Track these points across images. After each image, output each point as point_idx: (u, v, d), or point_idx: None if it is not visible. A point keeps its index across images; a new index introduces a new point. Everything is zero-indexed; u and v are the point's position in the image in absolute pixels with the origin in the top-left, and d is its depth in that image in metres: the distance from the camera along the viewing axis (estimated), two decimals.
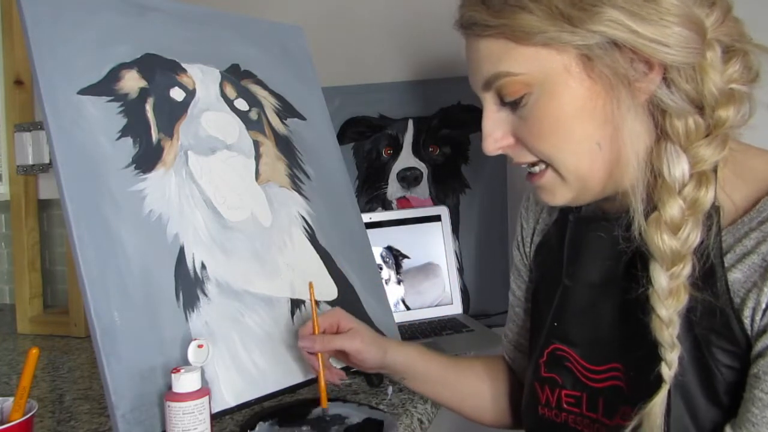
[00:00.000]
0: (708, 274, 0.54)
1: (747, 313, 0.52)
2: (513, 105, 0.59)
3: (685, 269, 0.53)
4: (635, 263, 0.59)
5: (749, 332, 0.52)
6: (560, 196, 0.61)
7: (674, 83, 0.54)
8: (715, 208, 0.55)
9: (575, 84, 0.56)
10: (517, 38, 0.55)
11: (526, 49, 0.56)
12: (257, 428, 0.71)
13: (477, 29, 0.58)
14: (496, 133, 0.61)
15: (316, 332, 0.74)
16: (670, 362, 0.53)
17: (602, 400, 0.62)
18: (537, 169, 0.61)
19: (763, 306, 0.51)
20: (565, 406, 0.66)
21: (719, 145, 0.54)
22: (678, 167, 0.54)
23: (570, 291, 0.68)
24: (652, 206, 0.56)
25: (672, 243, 0.54)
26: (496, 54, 0.57)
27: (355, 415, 0.74)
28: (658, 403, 0.53)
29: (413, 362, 0.78)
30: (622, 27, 0.52)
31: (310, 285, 0.77)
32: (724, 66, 0.54)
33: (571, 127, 0.57)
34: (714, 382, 0.53)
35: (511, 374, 0.82)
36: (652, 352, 0.56)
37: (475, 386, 0.82)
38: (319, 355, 0.74)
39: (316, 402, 0.75)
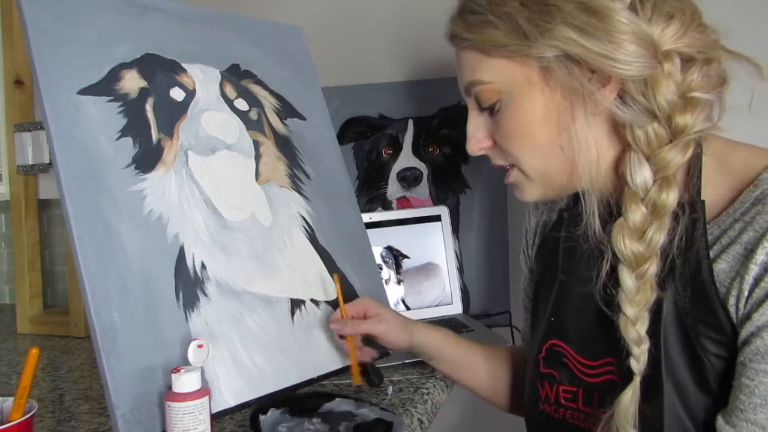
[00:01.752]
0: (695, 266, 0.56)
1: (731, 301, 0.54)
2: (489, 110, 0.65)
3: (651, 268, 0.57)
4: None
5: (735, 321, 0.54)
6: (528, 192, 0.67)
7: (629, 95, 0.57)
8: (701, 203, 0.57)
9: (537, 93, 0.61)
10: (486, 50, 0.62)
11: (495, 61, 0.62)
12: (269, 413, 0.73)
13: (457, 41, 0.65)
14: (477, 134, 0.67)
15: (344, 317, 0.81)
16: (638, 356, 0.57)
17: (597, 394, 0.64)
18: (504, 165, 0.68)
19: (746, 293, 0.53)
20: (562, 401, 0.67)
21: (680, 151, 0.57)
22: (640, 174, 0.58)
23: (565, 287, 0.70)
24: (619, 210, 0.60)
25: (635, 247, 0.57)
26: (471, 64, 0.64)
27: (365, 413, 0.75)
28: (629, 394, 0.56)
29: (439, 345, 0.84)
30: (573, 43, 0.56)
31: (336, 277, 0.84)
32: (683, 75, 0.57)
33: (534, 132, 0.62)
34: (704, 370, 0.55)
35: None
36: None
37: (497, 372, 0.85)
38: (349, 337, 0.81)
39: (329, 396, 0.79)
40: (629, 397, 0.56)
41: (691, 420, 0.55)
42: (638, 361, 0.57)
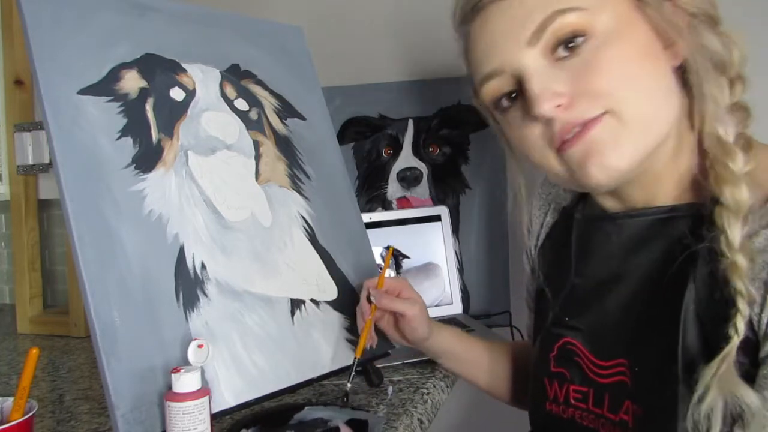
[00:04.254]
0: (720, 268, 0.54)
1: (756, 310, 0.52)
2: (567, 56, 0.55)
3: (746, 227, 0.53)
4: (654, 258, 0.60)
5: (757, 330, 0.52)
6: (625, 147, 0.56)
7: (704, 43, 0.55)
8: None
9: (638, 26, 0.55)
10: None
11: None
12: None
13: None
14: (553, 85, 0.56)
15: (381, 287, 0.80)
16: (745, 314, 0.51)
17: (608, 395, 0.63)
18: (590, 117, 0.56)
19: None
20: (572, 401, 0.66)
21: (744, 112, 0.56)
22: (731, 126, 0.55)
23: (579, 288, 0.68)
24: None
25: (745, 193, 0.53)
26: None
27: (337, 417, 0.75)
28: (732, 357, 0.51)
29: (452, 346, 0.84)
30: None
31: (390, 249, 0.87)
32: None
33: (640, 67, 0.55)
34: None
35: None
36: (656, 348, 0.57)
37: (506, 370, 0.86)
38: (373, 309, 0.79)
39: (297, 407, 0.78)
40: (728, 363, 0.51)
41: None
42: (744, 317, 0.51)
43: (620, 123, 0.55)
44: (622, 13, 0.55)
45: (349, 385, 0.78)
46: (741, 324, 0.51)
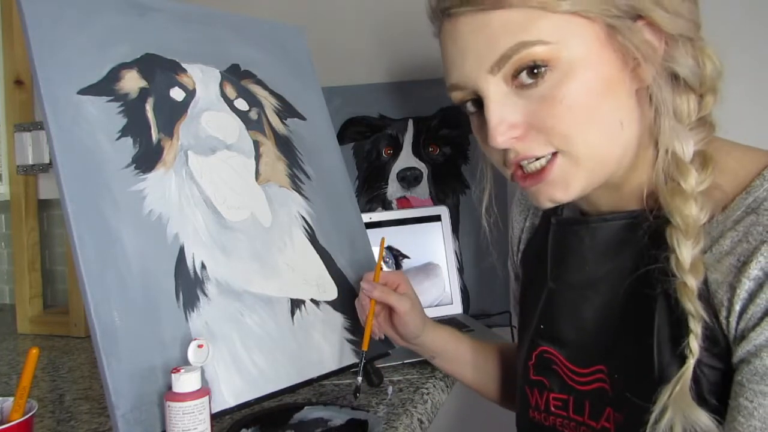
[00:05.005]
0: None
1: (723, 313, 0.51)
2: (529, 84, 0.54)
3: (699, 245, 0.52)
4: (625, 262, 0.60)
5: (727, 334, 0.52)
6: (574, 186, 0.56)
7: (677, 59, 0.54)
8: None
9: (605, 55, 0.53)
10: (546, 5, 0.52)
11: (557, 17, 0.52)
12: None
13: (490, 1, 0.53)
14: (509, 117, 0.55)
15: (377, 280, 0.79)
16: (697, 334, 0.51)
17: (588, 402, 0.62)
18: (542, 162, 0.56)
19: (737, 308, 0.50)
20: (552, 409, 0.66)
21: (704, 131, 0.55)
22: (687, 145, 0.54)
23: (555, 293, 0.68)
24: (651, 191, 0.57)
25: (695, 213, 0.52)
26: (519, 23, 0.52)
27: (337, 417, 0.75)
28: (687, 378, 0.51)
29: (446, 344, 0.83)
30: None
31: (383, 240, 0.85)
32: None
33: (598, 104, 0.54)
34: (699, 382, 0.53)
35: None
36: (633, 354, 0.56)
37: (499, 370, 0.85)
38: (372, 302, 0.78)
39: (297, 407, 0.78)
40: (686, 384, 0.51)
41: None
42: (697, 338, 0.52)
43: (572, 163, 0.56)
44: (590, 43, 0.53)
45: (359, 379, 0.77)
46: (694, 344, 0.51)
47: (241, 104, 0.89)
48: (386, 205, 1.32)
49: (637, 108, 0.56)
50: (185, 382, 0.63)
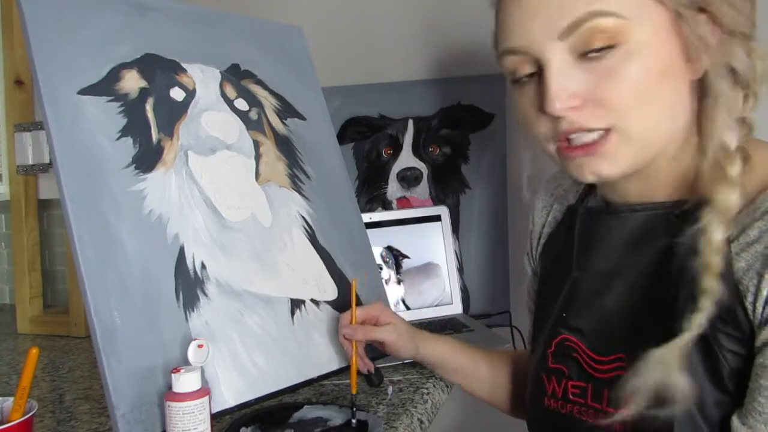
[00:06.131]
0: None
1: (749, 299, 0.53)
2: (594, 56, 0.54)
3: (729, 232, 0.54)
4: (651, 255, 0.60)
5: (752, 319, 0.53)
6: (620, 163, 0.57)
7: (734, 55, 0.56)
8: None
9: (669, 42, 0.55)
10: None
11: None
12: None
13: None
14: (570, 86, 0.55)
15: (354, 323, 0.79)
16: (704, 308, 0.52)
17: (607, 390, 0.63)
18: (593, 136, 0.57)
19: (765, 293, 0.52)
20: (570, 397, 0.67)
21: (749, 128, 0.58)
22: (736, 137, 0.56)
23: (579, 282, 0.68)
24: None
25: (734, 199, 0.54)
26: None
27: (337, 417, 0.75)
28: (681, 344, 0.52)
29: (444, 357, 0.84)
30: None
31: (354, 281, 0.81)
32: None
33: (658, 86, 0.55)
34: (719, 367, 0.54)
35: None
36: (655, 343, 0.57)
37: (504, 379, 0.86)
38: (354, 343, 0.79)
39: (296, 406, 0.78)
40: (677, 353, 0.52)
41: (702, 417, 0.54)
42: (702, 311, 0.53)
43: (624, 140, 0.57)
44: (658, 27, 0.54)
45: (353, 420, 0.76)
46: (703, 319, 0.52)
47: (241, 104, 0.89)
48: (386, 205, 1.32)
49: (689, 98, 0.58)
50: (185, 382, 0.63)
